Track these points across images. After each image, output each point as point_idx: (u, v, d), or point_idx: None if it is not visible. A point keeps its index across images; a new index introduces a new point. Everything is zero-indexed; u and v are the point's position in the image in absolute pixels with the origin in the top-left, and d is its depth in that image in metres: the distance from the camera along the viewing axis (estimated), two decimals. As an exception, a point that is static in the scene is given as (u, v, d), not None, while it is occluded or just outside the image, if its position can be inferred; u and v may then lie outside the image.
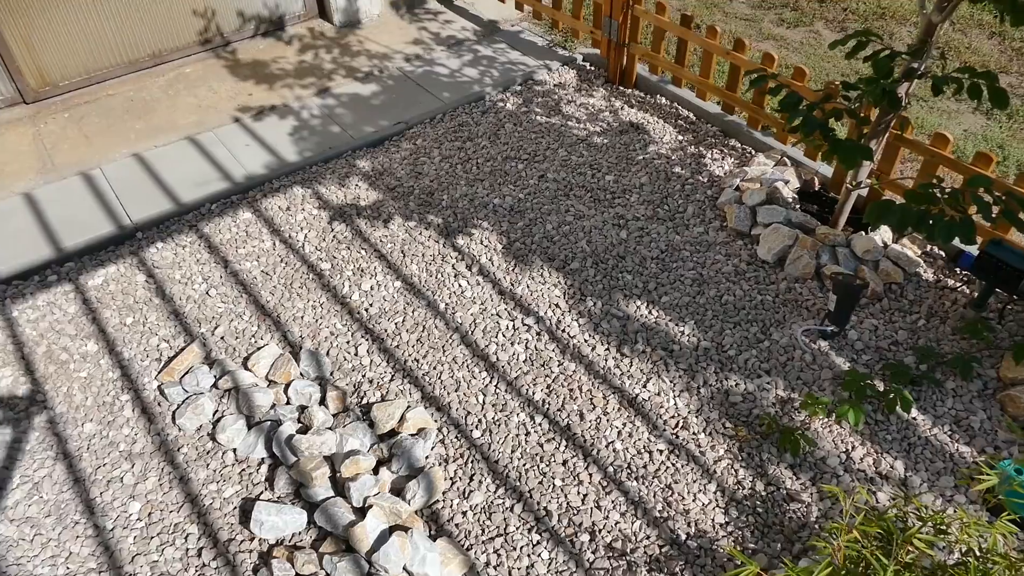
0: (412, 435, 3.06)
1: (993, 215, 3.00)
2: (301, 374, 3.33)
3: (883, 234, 3.83)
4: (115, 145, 4.60)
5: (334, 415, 3.17)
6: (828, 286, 3.63)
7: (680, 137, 4.68)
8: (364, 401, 3.25)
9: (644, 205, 4.22)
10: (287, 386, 3.25)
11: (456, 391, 3.30)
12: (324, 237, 4.04)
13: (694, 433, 3.13)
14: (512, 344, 3.50)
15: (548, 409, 3.23)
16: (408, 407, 3.16)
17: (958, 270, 3.79)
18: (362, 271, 3.85)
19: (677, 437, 3.12)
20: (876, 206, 3.20)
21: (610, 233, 4.04)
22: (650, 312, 3.63)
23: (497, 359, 3.43)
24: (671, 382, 3.33)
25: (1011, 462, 2.98)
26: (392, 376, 3.36)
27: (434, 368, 3.40)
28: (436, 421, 3.18)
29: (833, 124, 4.32)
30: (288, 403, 3.21)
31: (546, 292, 3.73)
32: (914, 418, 3.18)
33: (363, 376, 3.36)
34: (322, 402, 3.22)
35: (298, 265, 3.88)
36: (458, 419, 3.19)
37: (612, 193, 4.30)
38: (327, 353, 3.46)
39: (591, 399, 3.27)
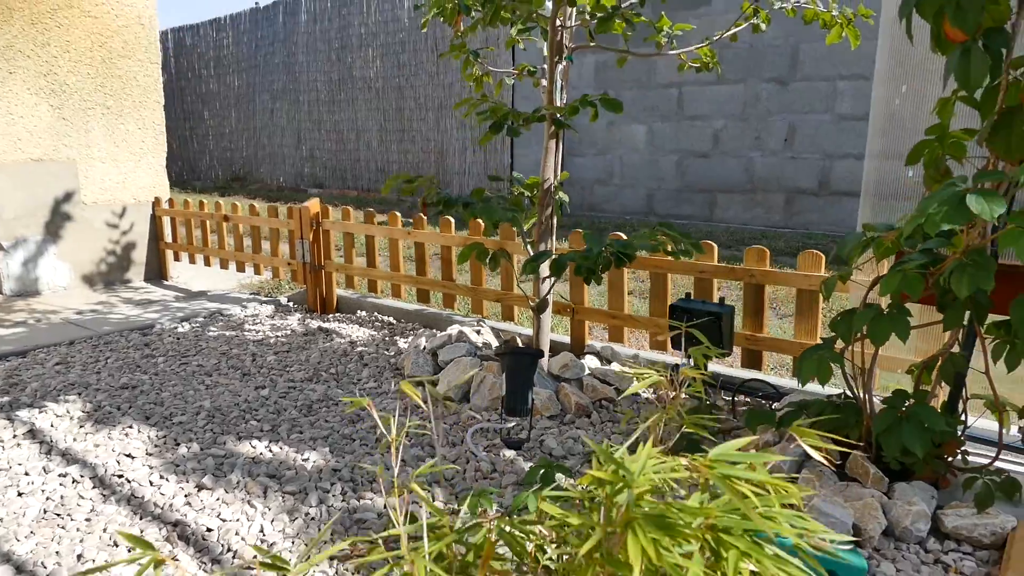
0: None
1: (656, 242, 2.51)
2: None
3: (589, 361, 3.14)
4: None
5: None
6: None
7: (375, 333, 4.00)
8: None
9: (305, 371, 3.31)
10: None
11: None
12: None
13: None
14: (23, 498, 2.18)
15: (28, 560, 1.86)
16: None
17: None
18: None
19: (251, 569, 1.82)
20: (530, 259, 2.61)
21: (248, 394, 3.02)
22: (269, 449, 2.50)
23: (-16, 518, 2.08)
24: (265, 506, 2.10)
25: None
26: None
27: None
28: None
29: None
30: None
31: (123, 446, 2.54)
32: (634, 512, 2.11)
33: None
34: None
35: None
36: None
37: (270, 368, 3.39)
38: None
39: (114, 539, 1.94)
